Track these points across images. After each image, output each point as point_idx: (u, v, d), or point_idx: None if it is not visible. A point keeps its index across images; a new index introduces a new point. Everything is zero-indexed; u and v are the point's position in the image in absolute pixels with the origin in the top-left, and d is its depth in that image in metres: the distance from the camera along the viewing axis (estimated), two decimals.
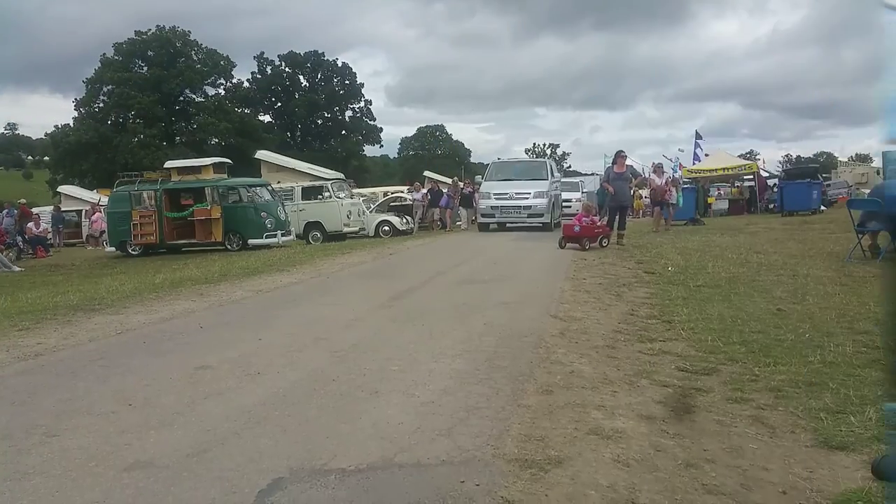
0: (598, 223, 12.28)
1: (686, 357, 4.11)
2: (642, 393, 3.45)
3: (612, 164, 13.76)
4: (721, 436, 2.90)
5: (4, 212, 22.17)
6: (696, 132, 35.51)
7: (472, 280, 8.01)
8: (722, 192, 28.01)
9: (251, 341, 4.94)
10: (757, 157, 49.52)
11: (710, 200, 26.27)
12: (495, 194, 17.26)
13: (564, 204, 27.73)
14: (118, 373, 4.19)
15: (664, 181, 17.85)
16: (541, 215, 16.77)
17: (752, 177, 27.39)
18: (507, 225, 17.75)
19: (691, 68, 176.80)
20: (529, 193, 16.84)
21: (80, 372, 4.26)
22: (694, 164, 30.48)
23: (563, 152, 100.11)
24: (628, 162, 14.18)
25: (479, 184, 19.27)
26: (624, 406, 3.25)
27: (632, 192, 14.73)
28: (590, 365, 3.96)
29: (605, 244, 11.95)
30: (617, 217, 12.82)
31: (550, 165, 19.52)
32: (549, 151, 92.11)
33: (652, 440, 2.84)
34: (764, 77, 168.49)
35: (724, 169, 26.59)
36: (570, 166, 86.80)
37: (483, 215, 17.78)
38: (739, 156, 34.84)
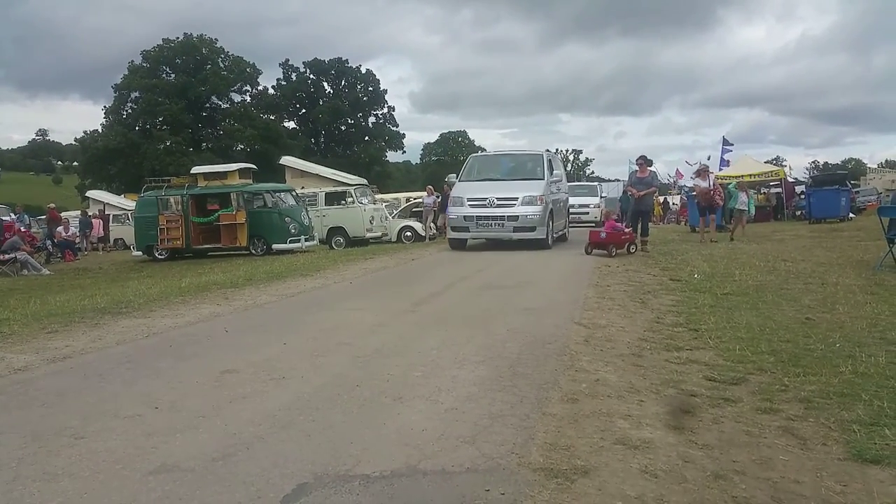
0: (626, 229, 12.22)
1: (714, 366, 4.04)
2: (670, 402, 3.40)
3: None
4: (750, 447, 2.84)
5: (15, 216, 22.55)
6: (724, 138, 35.16)
7: (495, 286, 7.98)
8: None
9: (276, 345, 4.97)
10: (784, 163, 48.87)
11: None
12: (470, 200, 13.14)
13: (580, 210, 25.41)
14: (145, 376, 4.23)
15: (710, 184, 15.25)
16: (531, 228, 12.72)
17: (779, 183, 27.00)
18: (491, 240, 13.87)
19: (718, 74, 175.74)
20: (517, 199, 12.80)
21: (107, 374, 4.31)
22: (720, 169, 30.13)
23: (587, 158, 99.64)
24: (653, 168, 14.18)
25: (452, 184, 14.64)
26: (651, 416, 3.20)
27: (653, 197, 14.65)
28: (615, 373, 3.91)
29: (632, 250, 11.90)
30: (639, 223, 12.73)
31: (549, 160, 14.64)
32: (571, 157, 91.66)
33: (680, 451, 2.79)
34: (792, 83, 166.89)
35: (750, 175, 26.24)
36: (592, 172, 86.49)
37: (454, 229, 13.51)
38: (766, 162, 34.43)
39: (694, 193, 16.55)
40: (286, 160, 25.25)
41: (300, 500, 2.36)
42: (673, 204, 35.37)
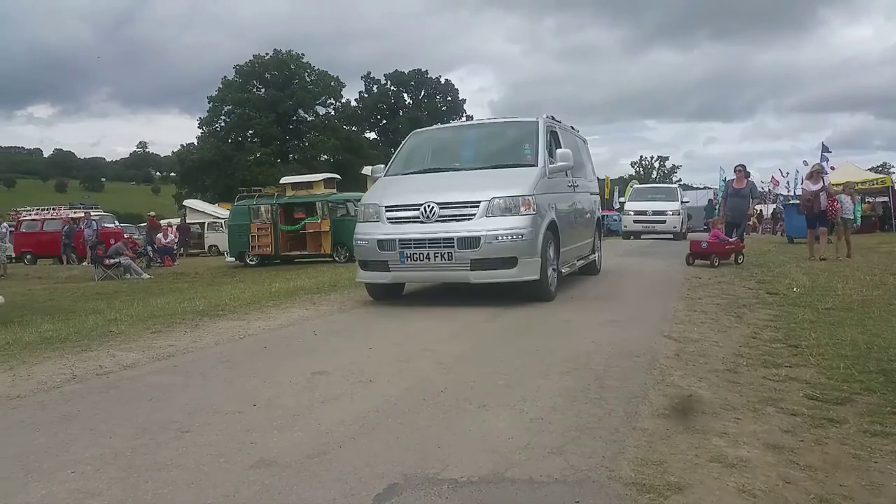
0: (731, 239, 11.79)
1: (816, 385, 3.83)
2: (768, 421, 3.25)
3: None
4: (859, 471, 2.67)
5: (83, 224, 24.22)
6: (823, 144, 33.35)
7: (577, 296, 7.87)
8: None
9: (362, 350, 5.10)
10: (891, 170, 45.77)
11: None
12: (392, 209, 7.25)
13: (653, 218, 21.87)
14: (242, 374, 4.45)
15: (824, 187, 12.49)
16: (507, 262, 6.79)
17: (885, 192, 25.34)
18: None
19: (818, 77, 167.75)
20: (476, 204, 6.88)
21: (208, 373, 4.55)
22: None
23: (673, 165, 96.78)
24: (751, 178, 13.35)
25: (376, 179, 8.78)
26: (748, 434, 3.07)
27: (751, 209, 13.63)
28: (709, 389, 3.78)
29: (740, 261, 11.46)
30: (734, 234, 12.27)
31: (551, 132, 8.34)
32: (657, 164, 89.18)
33: (780, 471, 2.66)
34: None
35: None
36: (679, 180, 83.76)
37: (363, 265, 7.50)
38: (870, 169, 32.40)
39: (803, 199, 14.88)
40: (368, 170, 25.80)
41: (391, 500, 2.41)
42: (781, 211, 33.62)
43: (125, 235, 23.36)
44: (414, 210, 7.08)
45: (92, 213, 26.36)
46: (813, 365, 4.27)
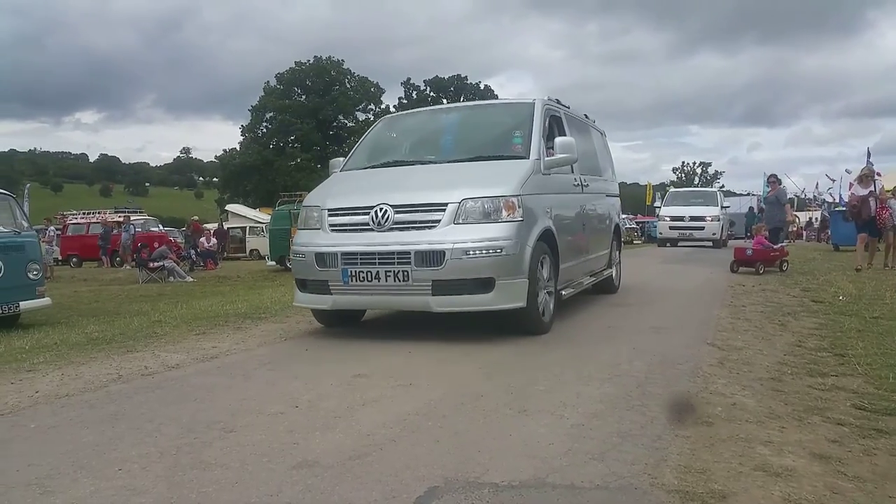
0: (776, 247, 11.60)
1: (863, 394, 3.73)
2: (814, 430, 3.18)
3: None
4: None
5: (122, 227, 24.92)
6: (868, 150, 32.47)
7: (618, 303, 7.79)
8: None
9: (401, 353, 5.14)
10: None
11: None
12: (336, 213, 5.76)
13: (691, 224, 20.82)
14: (284, 376, 4.52)
15: (869, 193, 11.67)
16: (482, 284, 5.26)
17: None
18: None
19: (866, 81, 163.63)
20: (443, 208, 5.38)
21: (251, 374, 4.65)
22: None
23: (716, 171, 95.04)
24: (781, 185, 13.38)
25: (335, 171, 6.82)
26: (793, 443, 3.01)
27: (789, 215, 13.46)
28: (753, 398, 3.71)
29: (784, 268, 11.26)
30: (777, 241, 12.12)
31: (550, 115, 6.69)
32: (699, 170, 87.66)
33: (827, 481, 2.60)
34: None
35: None
36: (723, 186, 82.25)
37: (300, 284, 5.95)
38: None
39: (845, 207, 14.26)
40: None
41: (432, 503, 2.43)
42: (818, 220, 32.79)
43: (169, 239, 23.89)
44: (363, 214, 5.58)
45: (132, 218, 27.02)
46: (860, 374, 4.16)
